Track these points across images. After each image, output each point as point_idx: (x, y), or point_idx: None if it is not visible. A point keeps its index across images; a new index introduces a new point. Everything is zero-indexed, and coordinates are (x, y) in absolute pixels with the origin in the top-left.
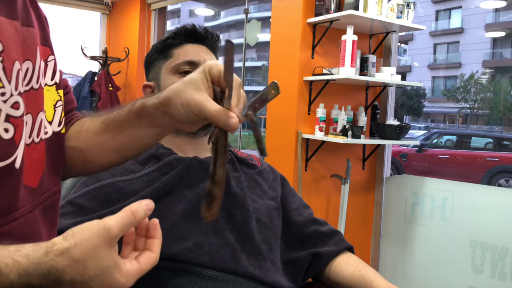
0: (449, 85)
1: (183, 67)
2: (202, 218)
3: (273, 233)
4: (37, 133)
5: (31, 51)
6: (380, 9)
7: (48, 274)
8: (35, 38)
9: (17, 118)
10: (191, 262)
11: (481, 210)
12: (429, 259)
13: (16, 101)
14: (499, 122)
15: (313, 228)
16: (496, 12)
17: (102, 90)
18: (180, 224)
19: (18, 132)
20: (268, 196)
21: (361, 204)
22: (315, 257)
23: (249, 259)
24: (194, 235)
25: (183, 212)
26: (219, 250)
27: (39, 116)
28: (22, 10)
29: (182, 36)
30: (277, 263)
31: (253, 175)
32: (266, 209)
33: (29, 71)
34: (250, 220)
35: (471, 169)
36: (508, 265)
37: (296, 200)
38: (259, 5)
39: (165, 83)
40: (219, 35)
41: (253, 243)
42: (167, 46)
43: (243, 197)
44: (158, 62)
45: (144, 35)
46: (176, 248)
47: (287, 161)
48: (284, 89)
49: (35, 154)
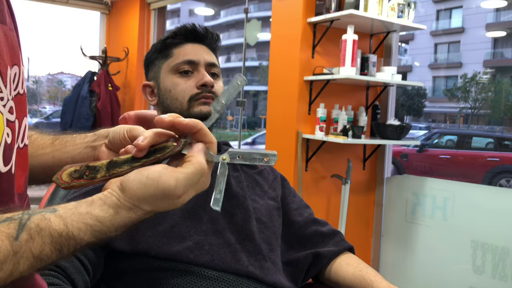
0: (450, 85)
1: (182, 67)
2: (203, 218)
3: (273, 233)
4: (21, 139)
5: (17, 56)
6: (381, 8)
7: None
8: (17, 42)
9: (12, 122)
10: (191, 262)
11: (482, 211)
12: (430, 259)
13: (11, 105)
14: (500, 122)
15: (314, 228)
16: (497, 11)
17: (101, 90)
18: (180, 224)
19: (13, 137)
20: (268, 196)
21: (361, 204)
22: (315, 257)
23: (249, 259)
24: (194, 235)
25: (182, 212)
26: (219, 250)
27: (23, 121)
28: (7, 14)
29: (182, 36)
30: (278, 263)
31: (253, 175)
32: (266, 209)
33: (16, 76)
34: (250, 220)
35: (472, 169)
36: (509, 266)
37: (297, 200)
38: (259, 5)
39: (165, 83)
40: (219, 34)
41: (253, 243)
42: (167, 45)
43: (243, 197)
44: (158, 62)
45: (144, 34)
46: (176, 248)
47: (287, 161)
48: (284, 89)
49: (20, 160)
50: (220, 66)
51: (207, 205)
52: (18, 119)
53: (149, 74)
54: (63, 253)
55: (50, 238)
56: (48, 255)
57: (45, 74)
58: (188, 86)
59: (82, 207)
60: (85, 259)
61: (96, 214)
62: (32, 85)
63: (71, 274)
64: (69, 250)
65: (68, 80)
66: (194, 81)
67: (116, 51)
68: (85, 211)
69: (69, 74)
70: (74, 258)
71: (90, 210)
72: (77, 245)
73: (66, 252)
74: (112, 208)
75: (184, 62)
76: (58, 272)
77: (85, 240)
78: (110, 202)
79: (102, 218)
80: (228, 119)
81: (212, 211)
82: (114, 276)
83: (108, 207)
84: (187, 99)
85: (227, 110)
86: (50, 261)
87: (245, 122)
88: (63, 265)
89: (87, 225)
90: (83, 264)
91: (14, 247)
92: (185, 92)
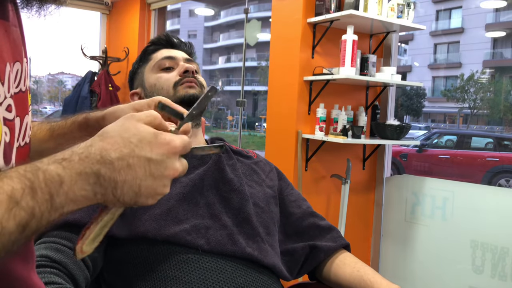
0: (449, 85)
1: (163, 63)
2: (199, 202)
3: (270, 218)
4: (23, 137)
5: (19, 52)
6: (381, 9)
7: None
8: (20, 38)
9: (11, 121)
10: (188, 244)
11: (482, 210)
12: (429, 259)
13: (9, 103)
14: (499, 122)
15: (311, 220)
16: (496, 12)
17: (102, 90)
18: (177, 207)
19: (12, 135)
20: (266, 184)
21: (361, 204)
22: (312, 249)
23: (247, 241)
24: (191, 218)
25: (179, 196)
26: (215, 233)
27: (25, 119)
28: (11, 9)
29: (159, 44)
30: (276, 247)
31: (250, 164)
32: (263, 195)
33: (18, 72)
34: (246, 203)
35: (472, 169)
36: (508, 266)
37: (295, 193)
38: (259, 5)
39: (149, 81)
40: (192, 43)
41: (250, 225)
42: (146, 53)
43: (238, 182)
44: (140, 69)
45: (144, 35)
46: (173, 229)
47: (287, 161)
48: (284, 89)
49: (21, 158)
50: (220, 66)
51: (204, 189)
52: (20, 117)
53: (135, 84)
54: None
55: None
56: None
57: (46, 74)
58: (171, 76)
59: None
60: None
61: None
62: (33, 85)
63: (71, 271)
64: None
65: (69, 80)
66: (176, 72)
67: (117, 51)
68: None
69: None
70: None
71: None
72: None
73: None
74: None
75: (163, 58)
76: (59, 269)
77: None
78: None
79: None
80: (228, 119)
81: (208, 196)
82: (113, 269)
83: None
84: (172, 86)
85: (227, 110)
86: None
87: (245, 122)
88: (64, 261)
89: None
90: (83, 260)
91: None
92: (169, 81)
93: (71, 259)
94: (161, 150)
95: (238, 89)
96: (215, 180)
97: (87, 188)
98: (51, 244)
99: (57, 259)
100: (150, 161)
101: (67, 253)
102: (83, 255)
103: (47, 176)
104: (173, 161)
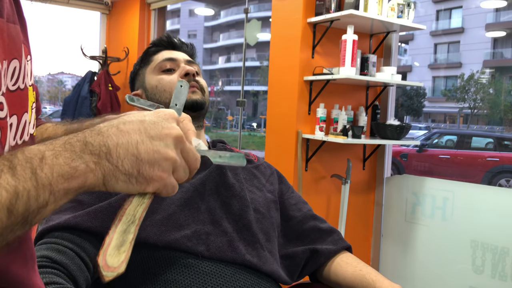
0: (449, 85)
1: (164, 64)
2: (200, 207)
3: (270, 224)
4: (20, 135)
5: (17, 49)
6: (381, 8)
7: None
8: (19, 35)
9: (2, 119)
10: (188, 250)
11: (482, 211)
12: (429, 259)
13: (1, 101)
14: (499, 122)
15: (312, 223)
16: (496, 12)
17: (101, 90)
18: (178, 213)
19: (3, 134)
20: (266, 189)
21: (361, 204)
22: (313, 253)
23: (247, 248)
24: (192, 223)
25: (180, 201)
26: (216, 239)
27: (23, 117)
28: (8, 6)
29: (160, 46)
30: (275, 253)
31: (251, 169)
32: (264, 200)
33: (16, 70)
34: (247, 209)
35: (472, 169)
36: (508, 266)
37: (295, 196)
38: (259, 5)
39: (150, 82)
40: (193, 44)
41: (250, 232)
42: (147, 54)
43: (239, 188)
44: (141, 71)
45: (144, 34)
46: (174, 235)
47: (287, 161)
48: (284, 89)
49: None
50: (220, 66)
51: (205, 194)
52: (17, 115)
53: (136, 85)
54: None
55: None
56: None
57: (46, 74)
58: (173, 78)
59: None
60: (86, 256)
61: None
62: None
63: (72, 271)
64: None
65: (68, 80)
66: (177, 74)
67: (116, 51)
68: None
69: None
70: (75, 255)
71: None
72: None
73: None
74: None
75: (164, 60)
76: (60, 270)
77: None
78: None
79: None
80: (228, 119)
81: (209, 201)
82: None
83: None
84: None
85: (227, 110)
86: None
87: (245, 122)
88: (64, 262)
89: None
90: (84, 261)
91: None
92: (171, 83)
93: (71, 260)
94: (154, 115)
95: (238, 89)
96: (216, 185)
97: (74, 157)
98: (52, 245)
99: (58, 260)
100: (143, 122)
101: (68, 254)
102: (110, 271)
103: (27, 154)
104: (170, 122)
